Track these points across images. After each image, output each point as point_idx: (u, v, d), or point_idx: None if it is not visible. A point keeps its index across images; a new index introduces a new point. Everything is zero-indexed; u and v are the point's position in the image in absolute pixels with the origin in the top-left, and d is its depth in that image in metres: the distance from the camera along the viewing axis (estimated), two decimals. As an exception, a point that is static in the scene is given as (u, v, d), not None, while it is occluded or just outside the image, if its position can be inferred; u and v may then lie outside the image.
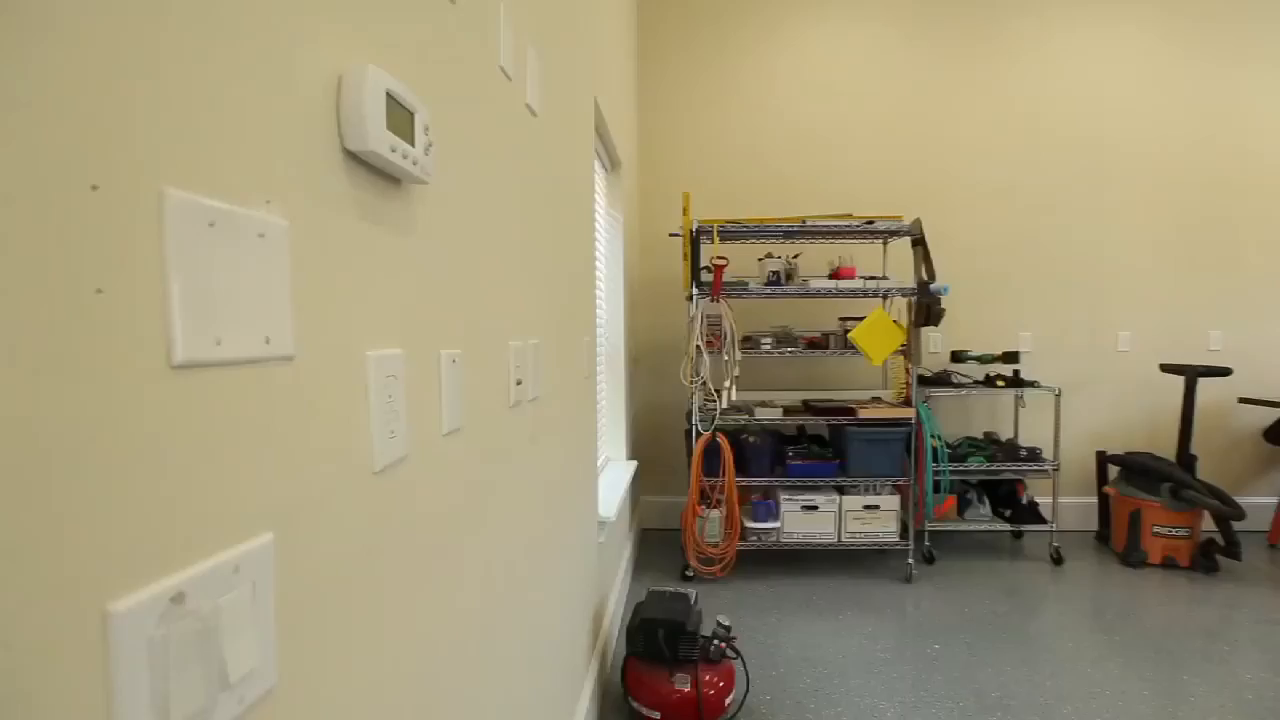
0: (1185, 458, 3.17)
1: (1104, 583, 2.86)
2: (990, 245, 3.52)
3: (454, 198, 0.79)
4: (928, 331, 3.48)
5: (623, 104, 2.77)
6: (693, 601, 1.95)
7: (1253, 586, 2.80)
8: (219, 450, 0.38)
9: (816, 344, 2.93)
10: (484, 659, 0.89)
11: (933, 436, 3.02)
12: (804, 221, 2.90)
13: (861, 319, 2.81)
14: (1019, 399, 3.44)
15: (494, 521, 0.95)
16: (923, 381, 3.13)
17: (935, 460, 3.01)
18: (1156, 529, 3.00)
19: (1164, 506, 2.96)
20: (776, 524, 2.88)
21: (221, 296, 0.38)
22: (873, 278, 2.89)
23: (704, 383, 2.75)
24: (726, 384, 2.72)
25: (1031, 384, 3.09)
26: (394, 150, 0.57)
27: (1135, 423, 3.57)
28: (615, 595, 2.38)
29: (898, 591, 2.76)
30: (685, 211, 2.88)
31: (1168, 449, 3.48)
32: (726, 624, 1.90)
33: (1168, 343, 3.54)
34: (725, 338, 2.74)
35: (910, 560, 2.92)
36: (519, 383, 1.06)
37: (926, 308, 2.76)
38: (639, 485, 3.52)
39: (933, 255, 3.46)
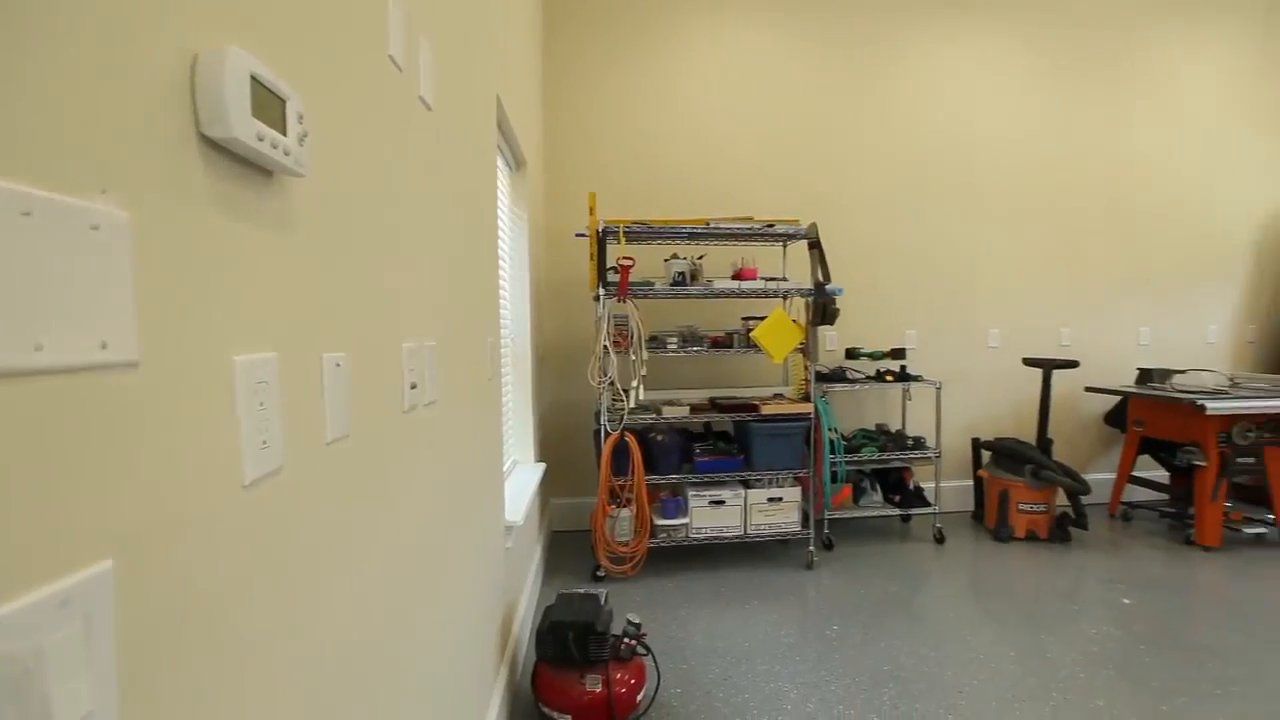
0: (1043, 441, 3.54)
1: (978, 557, 3.13)
2: (880, 249, 3.76)
3: (338, 192, 0.75)
4: (824, 330, 3.68)
5: (527, 102, 2.73)
6: (603, 602, 1.96)
7: (1097, 552, 3.17)
8: (39, 469, 0.34)
9: (721, 343, 3.02)
10: (377, 683, 0.85)
11: (830, 430, 3.20)
12: (708, 224, 2.97)
13: (763, 319, 2.92)
14: (906, 392, 3.71)
15: (387, 532, 0.90)
16: (820, 378, 3.30)
17: (833, 452, 3.19)
18: (1021, 506, 3.32)
19: (1027, 486, 3.28)
20: (685, 520, 2.94)
21: (41, 296, 0.34)
22: (773, 279, 3.01)
23: (612, 382, 2.77)
24: (634, 383, 2.75)
25: (916, 378, 3.33)
26: (262, 139, 0.53)
27: (1003, 411, 3.94)
28: (525, 601, 2.34)
29: (800, 578, 2.89)
30: (591, 212, 2.88)
31: (1030, 434, 3.88)
32: (636, 621, 1.92)
33: (1028, 339, 3.94)
34: (632, 337, 2.76)
35: (811, 548, 3.07)
36: (414, 386, 1.02)
37: (823, 307, 2.91)
38: (548, 487, 3.48)
39: (828, 258, 3.66)
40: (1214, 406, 3.06)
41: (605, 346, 2.77)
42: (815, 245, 2.94)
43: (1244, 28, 4.03)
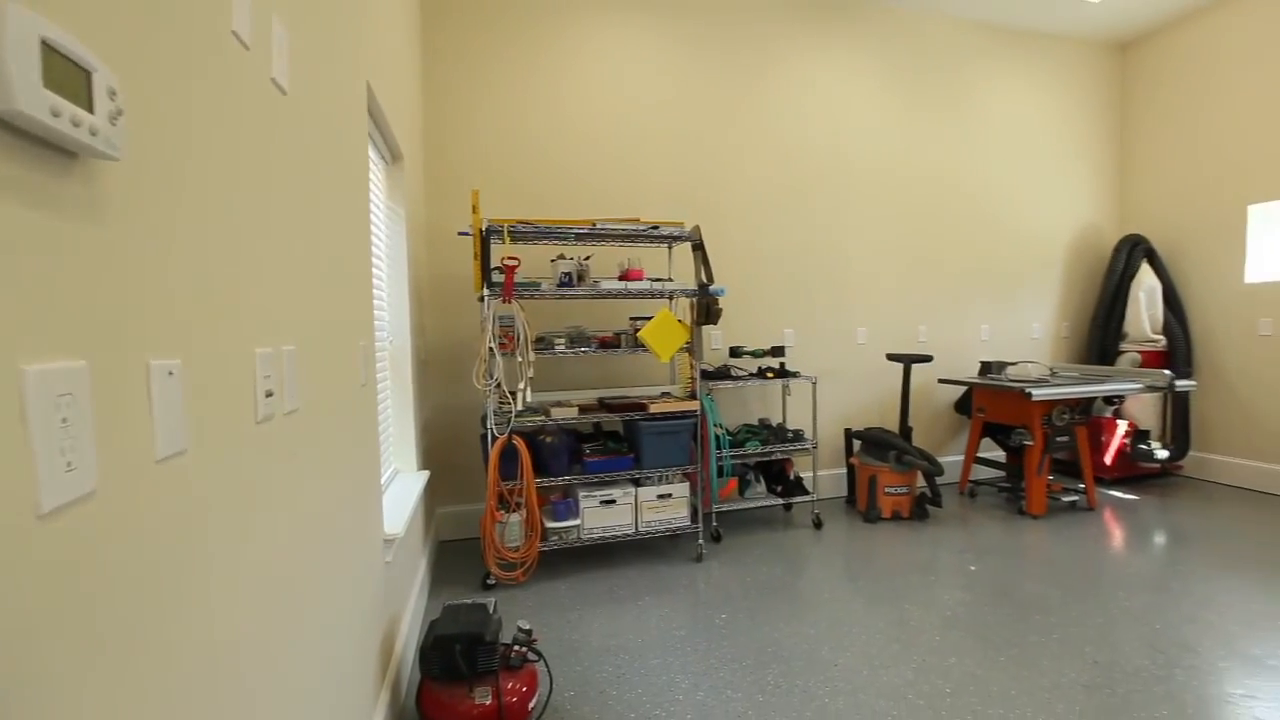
0: (905, 429, 3.88)
1: (851, 539, 3.38)
2: (760, 252, 3.95)
3: (167, 179, 0.67)
4: (709, 329, 3.81)
5: (404, 93, 2.60)
6: (492, 610, 1.90)
7: (950, 527, 3.53)
8: None
9: (609, 343, 3.03)
10: None
11: (716, 426, 3.32)
12: (595, 224, 2.98)
13: (650, 319, 2.97)
14: (785, 388, 3.93)
15: (238, 554, 0.82)
16: (706, 376, 3.41)
17: (719, 447, 3.31)
18: (887, 489, 3.62)
19: (892, 470, 3.59)
20: (577, 521, 2.93)
21: None
22: (659, 280, 3.07)
23: (499, 385, 2.70)
24: (521, 385, 2.70)
25: (794, 375, 3.53)
26: (58, 115, 0.46)
27: (871, 403, 4.28)
28: (409, 617, 2.22)
29: (690, 571, 2.97)
30: (475, 210, 2.79)
31: (894, 423, 4.25)
32: (527, 628, 1.89)
33: (891, 336, 4.31)
34: (519, 339, 2.71)
35: (700, 541, 3.17)
36: (270, 394, 0.93)
37: (706, 307, 3.01)
38: (434, 496, 3.34)
39: (714, 259, 3.80)
40: (1038, 393, 3.50)
41: (491, 348, 2.69)
42: (699, 247, 3.04)
43: (1057, 74, 4.65)
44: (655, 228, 3.05)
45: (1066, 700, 1.92)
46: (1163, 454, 4.26)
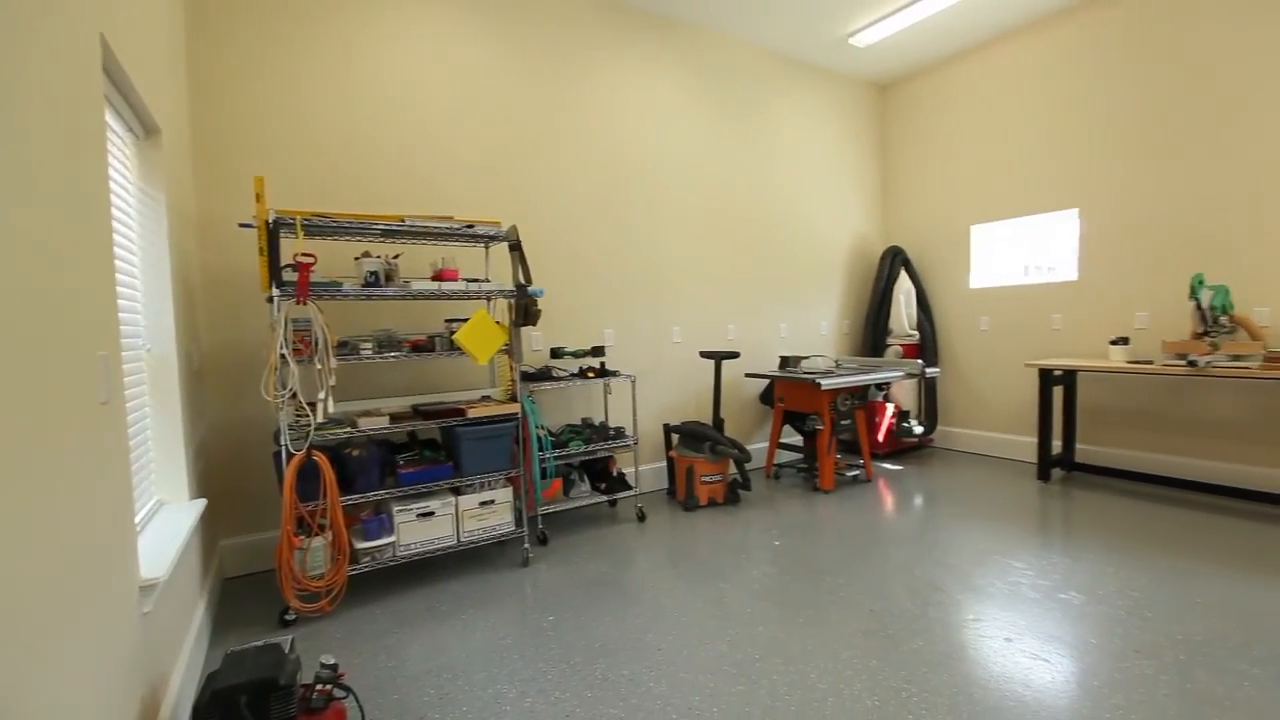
0: (717, 421, 4.18)
1: (672, 528, 3.55)
2: (579, 253, 4.00)
3: None
4: (528, 331, 3.77)
5: (161, 56, 2.21)
6: (288, 650, 1.69)
7: (758, 508, 3.87)
8: None
9: (422, 347, 2.86)
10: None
11: (538, 427, 3.29)
12: (404, 220, 2.79)
13: (466, 321, 2.86)
14: (606, 387, 4.02)
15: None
16: (526, 377, 3.37)
17: (541, 449, 3.29)
18: (704, 478, 3.87)
19: (707, 460, 3.84)
20: (391, 538, 2.72)
21: None
22: (475, 280, 2.97)
23: (294, 395, 2.41)
24: (322, 395, 2.44)
25: (614, 374, 3.62)
26: None
27: (687, 398, 4.54)
28: (181, 673, 1.89)
29: (517, 577, 2.91)
30: (259, 199, 2.47)
31: (708, 415, 4.55)
32: (331, 663, 1.71)
33: (703, 334, 4.61)
34: (317, 344, 2.45)
35: (526, 545, 3.12)
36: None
37: (525, 308, 2.97)
38: (215, 527, 2.89)
39: (533, 260, 3.76)
40: (826, 383, 3.97)
41: (283, 355, 2.40)
42: (516, 247, 2.99)
43: (836, 105, 5.32)
44: (470, 226, 2.94)
45: (851, 647, 2.20)
46: (919, 430, 5.08)
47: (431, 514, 2.81)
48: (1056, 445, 4.45)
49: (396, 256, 2.88)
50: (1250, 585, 2.58)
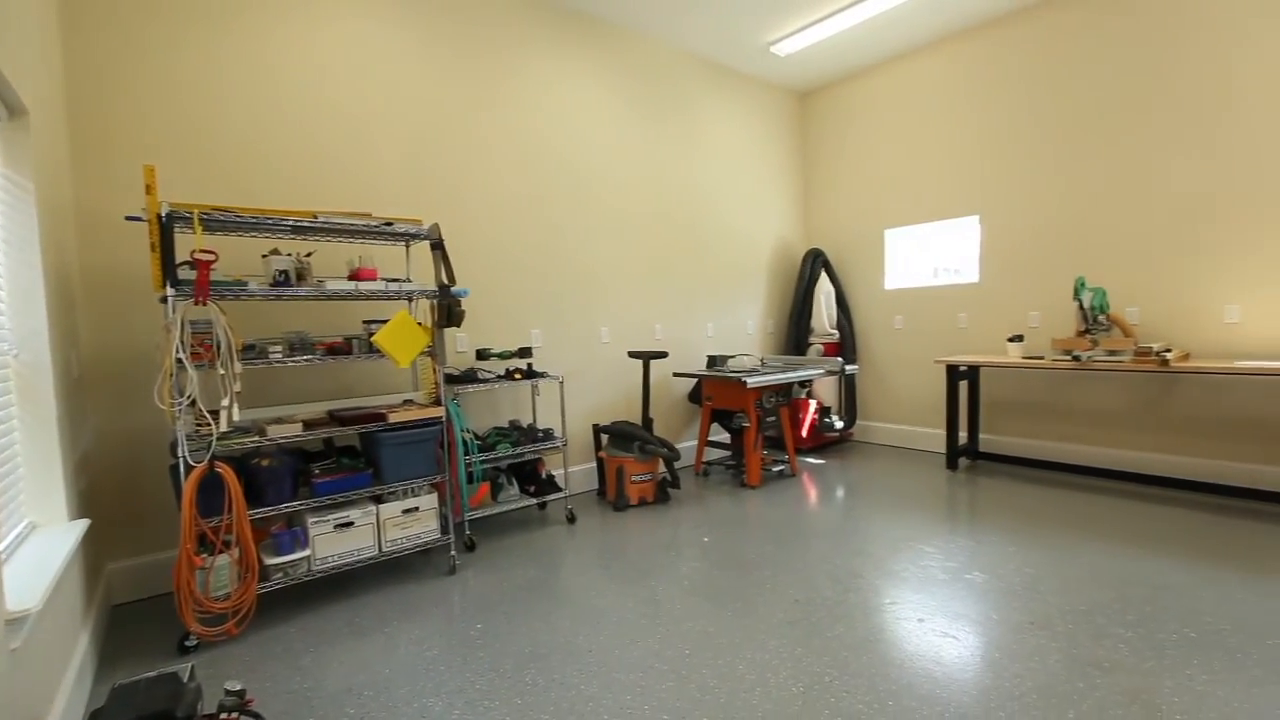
0: (646, 420, 4.20)
1: (603, 529, 3.54)
2: (506, 252, 3.92)
3: None
4: (453, 332, 3.66)
5: (28, 31, 1.99)
6: (186, 678, 1.57)
7: (688, 505, 3.92)
8: None
9: (339, 349, 2.72)
10: None
11: (464, 431, 3.20)
12: (316, 216, 2.65)
13: (386, 322, 2.74)
14: (534, 388, 3.96)
15: None
16: (451, 380, 3.27)
17: (467, 452, 3.20)
18: (634, 478, 3.88)
19: (636, 460, 3.85)
20: (306, 552, 2.57)
21: None
22: (395, 280, 2.85)
23: (193, 403, 2.24)
24: (225, 402, 2.27)
25: (542, 375, 3.58)
26: None
27: (617, 398, 4.55)
28: (58, 714, 1.71)
29: (443, 586, 2.82)
30: (150, 190, 2.27)
31: (637, 415, 4.57)
32: (237, 689, 1.60)
33: (631, 334, 4.63)
34: (219, 347, 2.28)
35: (453, 552, 3.03)
36: None
37: (448, 309, 2.88)
38: (99, 550, 2.64)
39: (457, 260, 3.66)
40: (752, 381, 4.07)
41: (180, 359, 2.22)
42: (438, 246, 2.89)
43: (759, 110, 5.47)
44: (389, 224, 2.82)
45: (777, 636, 2.27)
46: (840, 424, 5.30)
47: (351, 524, 2.68)
48: (964, 436, 4.76)
49: (309, 254, 2.73)
50: (1125, 557, 2.84)
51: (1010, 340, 4.24)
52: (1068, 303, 4.34)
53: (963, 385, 4.68)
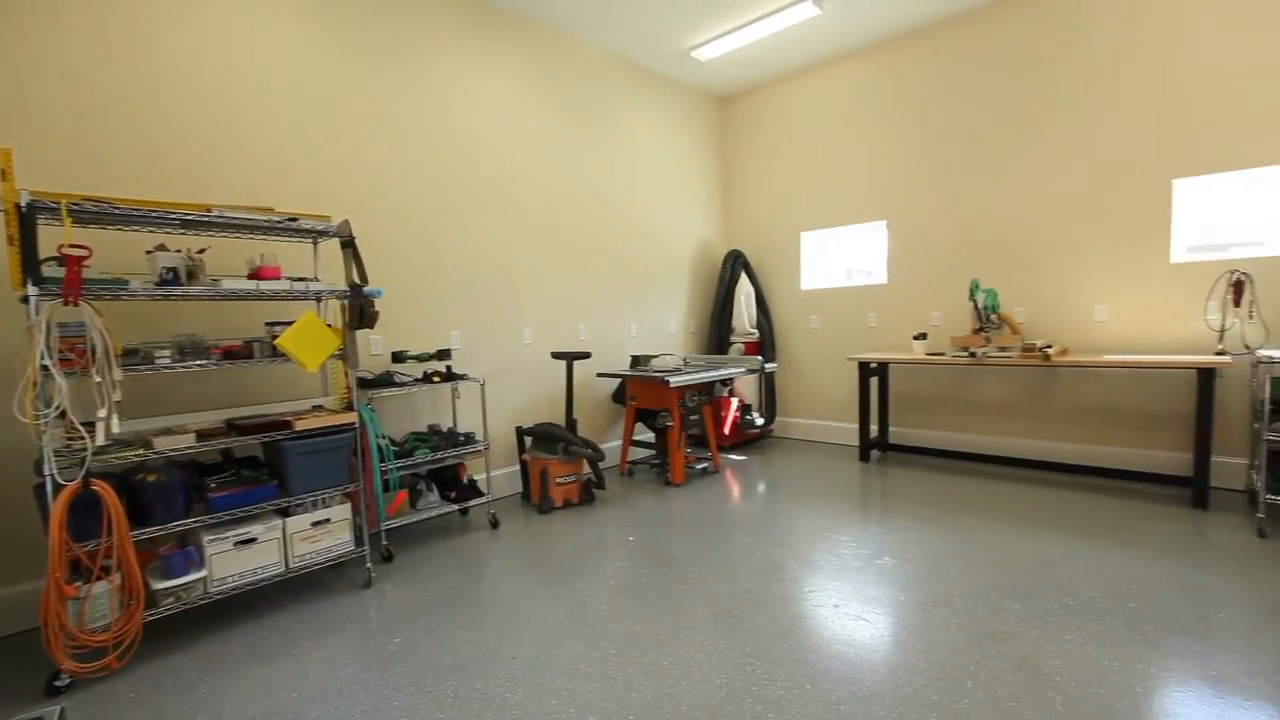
0: (570, 422, 4.17)
1: (528, 532, 3.49)
2: (424, 252, 3.78)
3: None
4: (367, 334, 3.50)
5: None
6: None
7: (613, 506, 3.92)
8: None
9: (237, 353, 2.54)
10: None
11: (379, 437, 3.06)
12: (210, 210, 2.46)
13: (291, 323, 2.58)
14: (454, 391, 3.85)
15: None
16: (365, 384, 3.12)
17: (383, 459, 3.07)
18: (558, 480, 3.84)
19: (561, 461, 3.82)
20: (201, 573, 2.38)
21: None
22: (302, 279, 2.69)
23: (62, 414, 2.02)
24: (102, 413, 2.07)
25: (462, 377, 3.48)
26: None
27: (540, 399, 4.49)
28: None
29: (358, 600, 2.69)
30: (5, 176, 2.03)
31: (561, 417, 4.53)
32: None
33: (554, 335, 4.58)
34: (94, 352, 2.07)
35: (369, 565, 2.89)
36: None
37: (360, 309, 2.75)
38: (-45, 583, 2.34)
39: (372, 258, 3.50)
40: (675, 380, 4.12)
41: (45, 366, 2.00)
42: (349, 244, 2.75)
43: (681, 113, 5.55)
44: (294, 219, 2.66)
45: (701, 631, 2.31)
46: (761, 421, 5.46)
47: (253, 540, 2.50)
48: (875, 429, 5.02)
49: (201, 251, 2.52)
50: (1015, 537, 3.09)
51: (915, 338, 4.51)
52: (965, 303, 4.66)
53: (873, 381, 4.94)
